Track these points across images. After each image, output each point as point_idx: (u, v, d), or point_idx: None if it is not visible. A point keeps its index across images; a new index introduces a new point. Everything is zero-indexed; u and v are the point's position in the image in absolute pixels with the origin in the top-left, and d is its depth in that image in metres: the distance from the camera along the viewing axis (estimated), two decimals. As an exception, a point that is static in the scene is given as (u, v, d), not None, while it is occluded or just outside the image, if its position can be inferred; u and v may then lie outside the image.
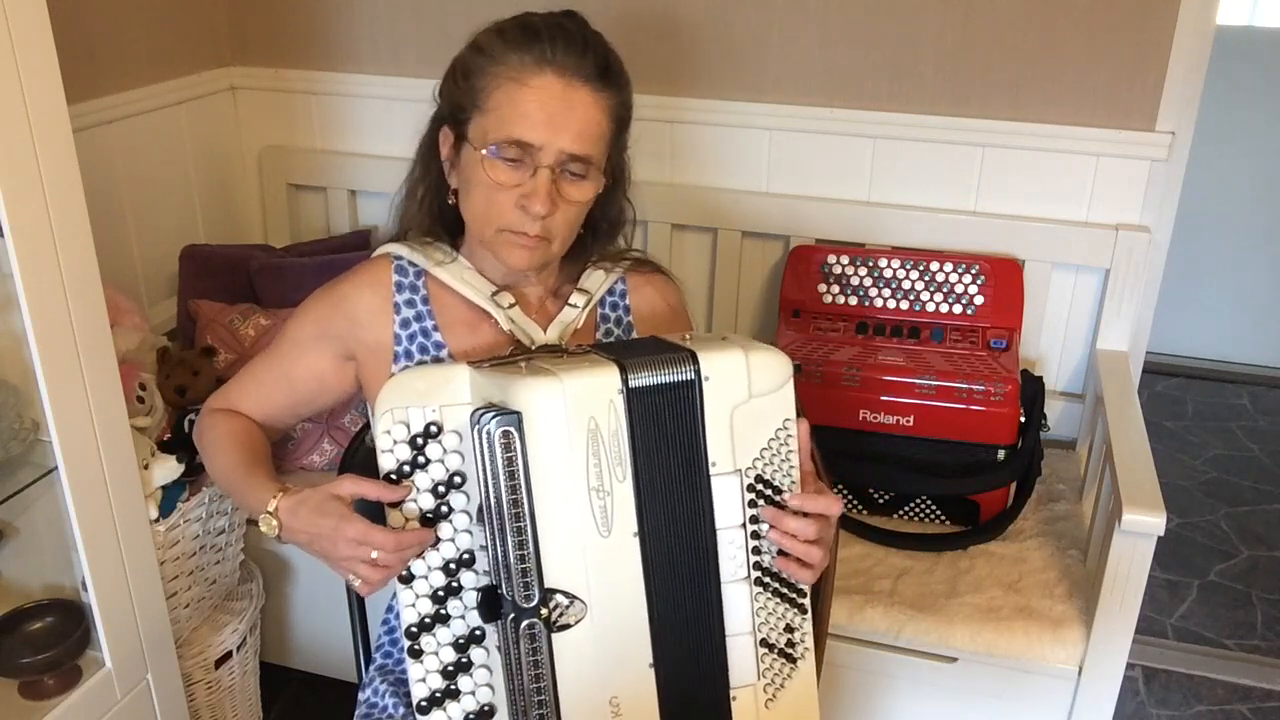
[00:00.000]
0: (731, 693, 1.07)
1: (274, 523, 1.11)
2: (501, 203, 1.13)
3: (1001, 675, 1.63)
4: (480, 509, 1.01)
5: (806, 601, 1.10)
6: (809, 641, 1.11)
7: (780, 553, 1.07)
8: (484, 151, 1.12)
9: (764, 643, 1.08)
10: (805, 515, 1.06)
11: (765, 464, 1.05)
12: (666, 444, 1.02)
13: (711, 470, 1.03)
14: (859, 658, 1.68)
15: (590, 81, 1.12)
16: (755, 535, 1.06)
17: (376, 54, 2.19)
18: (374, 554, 1.01)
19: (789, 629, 1.09)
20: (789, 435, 1.05)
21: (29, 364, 1.28)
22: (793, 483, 1.06)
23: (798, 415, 1.06)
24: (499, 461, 0.96)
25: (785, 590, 1.08)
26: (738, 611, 1.06)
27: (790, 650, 1.10)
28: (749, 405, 1.02)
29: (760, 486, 1.05)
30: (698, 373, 1.00)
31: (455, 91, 1.17)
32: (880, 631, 1.63)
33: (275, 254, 2.15)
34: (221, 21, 2.25)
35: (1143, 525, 1.45)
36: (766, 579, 1.07)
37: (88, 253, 1.32)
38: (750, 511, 1.05)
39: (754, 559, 1.06)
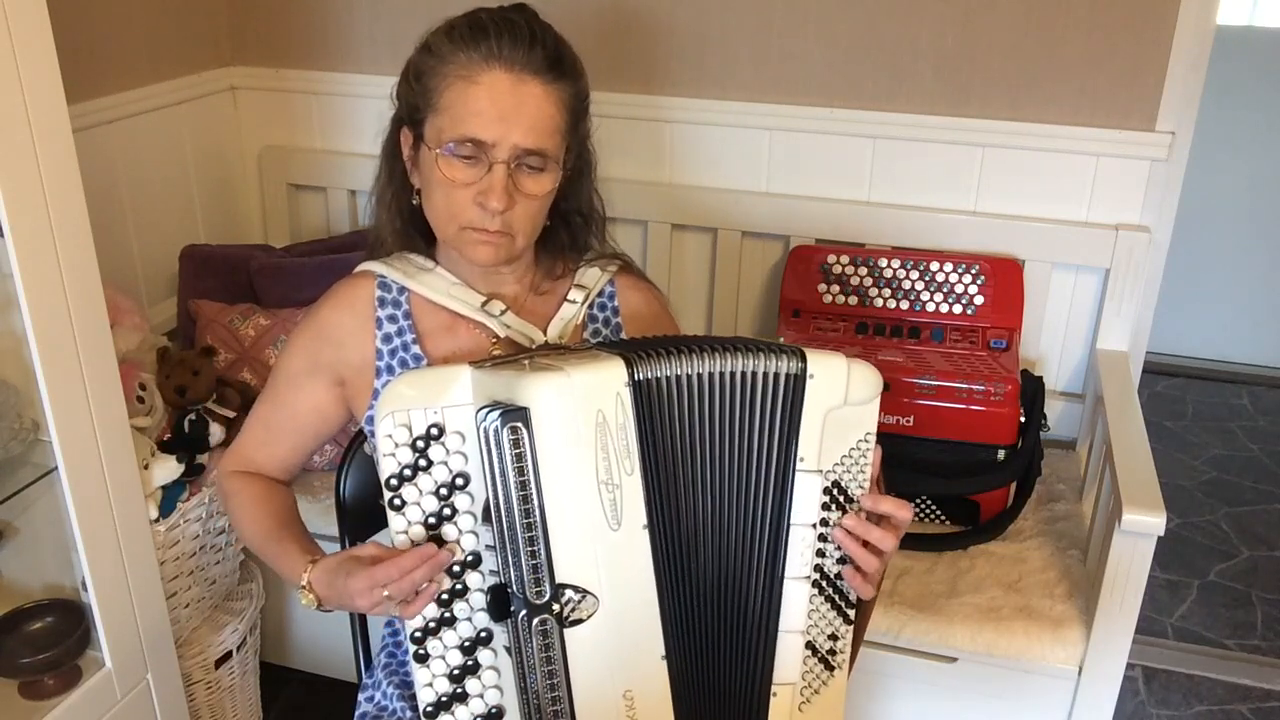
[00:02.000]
0: (773, 688, 1.08)
1: (311, 596, 1.12)
2: (460, 200, 1.14)
3: (1001, 675, 1.63)
4: (485, 509, 1.01)
5: (853, 614, 1.11)
6: (847, 653, 1.11)
7: (839, 561, 1.08)
8: (439, 150, 1.13)
9: (809, 645, 1.09)
10: (877, 524, 1.07)
11: (844, 471, 1.06)
12: (735, 433, 1.02)
13: (799, 465, 1.04)
14: (859, 658, 1.67)
15: (540, 74, 1.12)
16: (822, 538, 1.06)
17: (376, 54, 2.19)
18: (386, 592, 1.00)
19: (833, 637, 1.10)
20: (868, 449, 1.06)
21: (29, 364, 1.28)
22: (862, 494, 1.08)
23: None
24: (508, 457, 0.96)
25: (837, 598, 1.09)
26: (794, 608, 1.07)
27: (830, 658, 1.10)
28: (841, 411, 1.04)
29: (835, 491, 1.06)
30: (804, 369, 1.02)
31: (409, 93, 1.18)
32: (880, 631, 1.63)
33: (275, 254, 2.15)
34: (221, 21, 2.25)
35: (1143, 525, 1.45)
36: (824, 583, 1.08)
37: (88, 253, 1.32)
38: (822, 514, 1.06)
39: (817, 560, 1.07)
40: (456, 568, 1.03)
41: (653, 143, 2.08)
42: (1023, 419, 1.76)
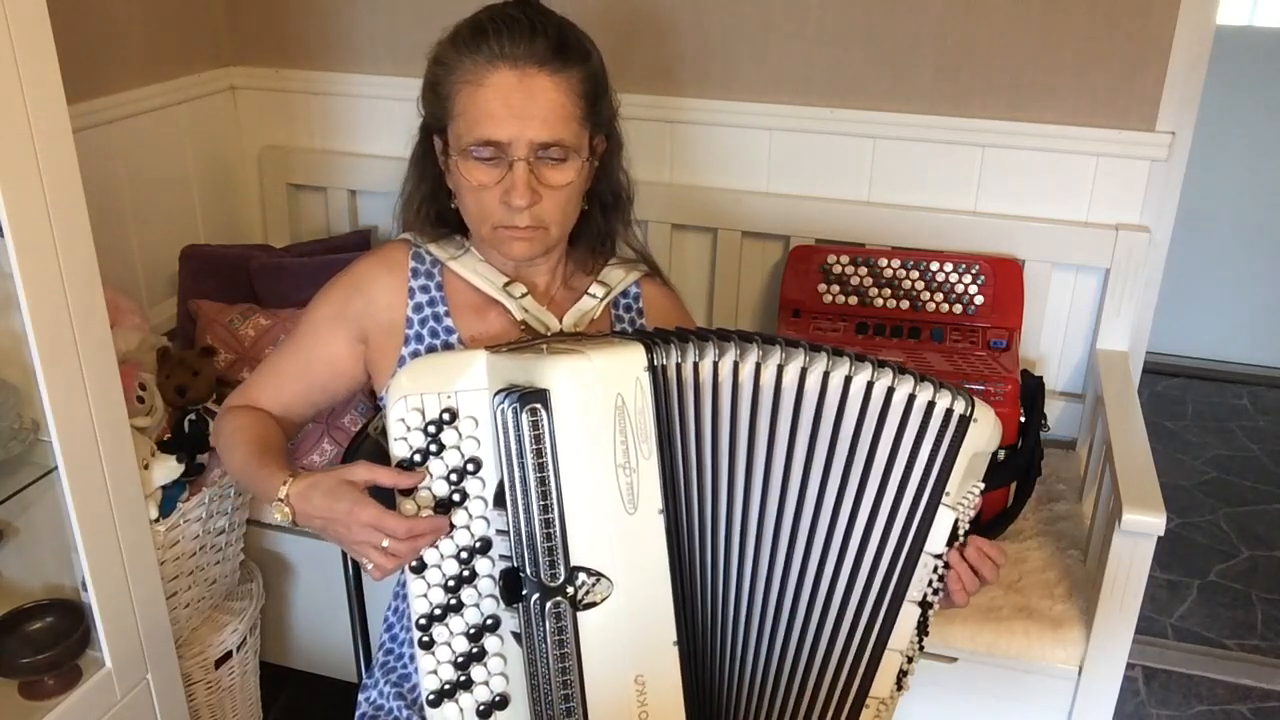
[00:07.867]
0: (867, 700, 1.11)
1: (286, 509, 1.10)
2: (488, 202, 1.16)
3: (1001, 675, 1.63)
4: (497, 493, 1.01)
5: (925, 642, 1.14)
6: (913, 676, 1.14)
7: (935, 591, 1.11)
8: (460, 156, 1.15)
9: None
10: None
11: (963, 511, 1.09)
12: (840, 443, 1.04)
13: (944, 499, 1.07)
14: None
15: (545, 65, 1.12)
16: (934, 568, 1.09)
17: (376, 54, 2.19)
18: (385, 542, 1.01)
19: (909, 659, 1.12)
20: (979, 493, 1.11)
21: (29, 364, 1.28)
22: (967, 534, 1.11)
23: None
24: (526, 439, 0.96)
25: (924, 626, 1.12)
26: (903, 629, 1.09)
27: (902, 679, 1.12)
28: (980, 457, 1.08)
29: (954, 528, 1.09)
30: (971, 412, 1.05)
31: (430, 104, 1.21)
32: (880, 631, 1.63)
33: (275, 254, 2.15)
34: (221, 21, 2.25)
35: (1143, 525, 1.45)
36: (923, 612, 1.10)
37: (88, 253, 1.32)
38: (946, 549, 1.08)
39: (926, 590, 1.09)
40: (465, 554, 1.03)
41: (653, 142, 2.08)
42: (1023, 419, 1.76)
